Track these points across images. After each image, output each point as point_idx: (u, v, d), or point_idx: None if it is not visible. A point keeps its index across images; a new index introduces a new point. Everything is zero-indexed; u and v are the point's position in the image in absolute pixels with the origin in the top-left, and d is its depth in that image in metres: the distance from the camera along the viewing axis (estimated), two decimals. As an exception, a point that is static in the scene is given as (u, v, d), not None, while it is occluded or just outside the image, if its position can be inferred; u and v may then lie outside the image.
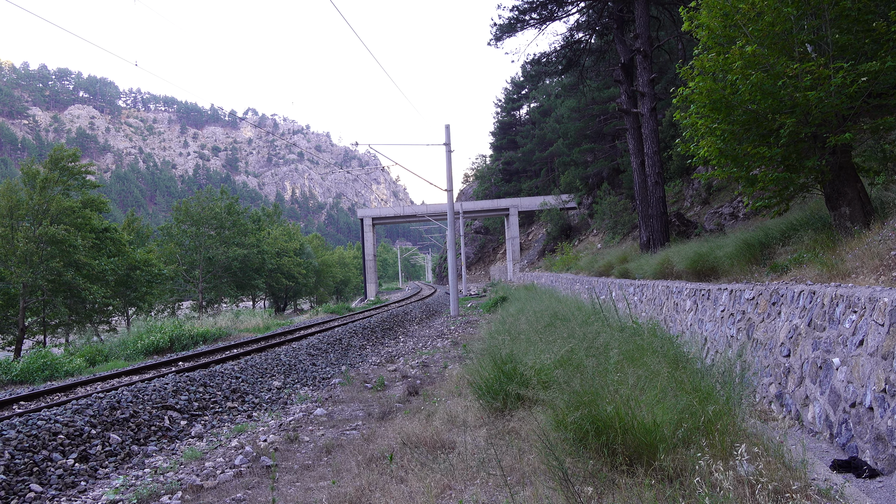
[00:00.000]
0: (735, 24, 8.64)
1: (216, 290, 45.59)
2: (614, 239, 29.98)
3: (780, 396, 6.80)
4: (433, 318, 27.77)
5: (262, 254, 49.51)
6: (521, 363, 7.05)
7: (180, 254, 43.86)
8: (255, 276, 48.94)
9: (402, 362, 14.42)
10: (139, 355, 19.98)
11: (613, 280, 16.99)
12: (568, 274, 25.53)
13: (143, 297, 36.75)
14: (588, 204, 42.84)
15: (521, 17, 21.34)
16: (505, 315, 15.49)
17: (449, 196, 26.80)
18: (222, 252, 44.05)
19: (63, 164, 32.89)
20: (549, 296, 18.80)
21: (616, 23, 20.07)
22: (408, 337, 20.38)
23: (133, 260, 35.40)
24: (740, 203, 18.03)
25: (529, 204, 57.47)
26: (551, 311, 12.85)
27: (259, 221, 56.55)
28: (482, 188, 76.47)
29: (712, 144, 9.12)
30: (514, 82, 78.30)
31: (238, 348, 17.52)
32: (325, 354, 15.98)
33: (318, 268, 67.32)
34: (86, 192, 34.58)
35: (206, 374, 12.18)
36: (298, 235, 67.84)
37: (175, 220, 45.28)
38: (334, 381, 12.72)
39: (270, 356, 14.69)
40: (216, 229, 45.61)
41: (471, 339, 16.46)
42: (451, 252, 27.27)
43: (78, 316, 32.77)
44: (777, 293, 7.37)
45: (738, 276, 9.72)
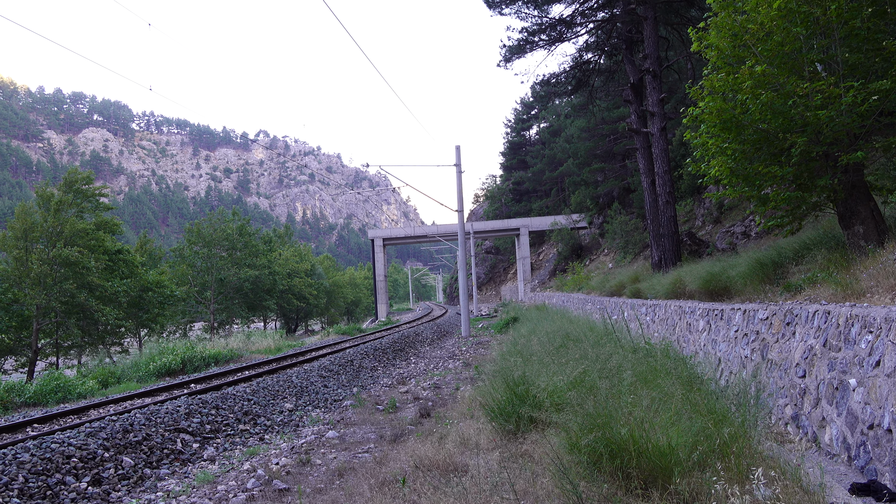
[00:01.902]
0: (744, 44, 8.68)
1: (228, 311, 45.74)
2: (625, 258, 29.88)
3: (796, 418, 6.72)
4: (444, 338, 27.69)
5: (273, 275, 49.70)
6: (534, 385, 7.01)
7: (192, 275, 44.11)
8: (267, 297, 49.08)
9: (414, 384, 14.37)
10: (151, 377, 20.03)
11: (625, 300, 16.91)
12: (579, 294, 25.43)
13: (155, 318, 36.92)
14: (599, 223, 42.78)
15: (531, 39, 21.51)
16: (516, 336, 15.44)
17: (459, 216, 26.86)
18: (234, 273, 44.25)
19: (77, 187, 33.29)
20: (561, 316, 18.72)
21: (625, 43, 20.19)
22: (419, 358, 20.32)
23: (145, 281, 35.63)
24: (752, 222, 17.96)
25: (540, 224, 57.46)
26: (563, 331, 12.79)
27: (270, 242, 56.82)
28: (492, 208, 76.60)
29: (723, 164, 9.12)
30: (523, 103, 78.75)
31: (250, 370, 17.54)
32: (336, 376, 15.96)
33: (329, 289, 67.45)
34: (99, 214, 34.94)
35: (219, 396, 12.19)
36: (309, 256, 68.09)
37: (187, 241, 45.60)
38: (346, 403, 12.69)
39: (282, 378, 14.69)
40: (228, 250, 45.86)
41: (482, 360, 16.40)
42: (461, 272, 27.26)
43: (90, 337, 32.95)
44: (791, 313, 7.31)
45: (752, 295, 9.66)
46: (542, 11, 21.14)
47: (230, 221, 47.40)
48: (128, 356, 31.34)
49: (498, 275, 79.94)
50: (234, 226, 47.06)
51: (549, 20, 21.17)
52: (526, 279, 55.17)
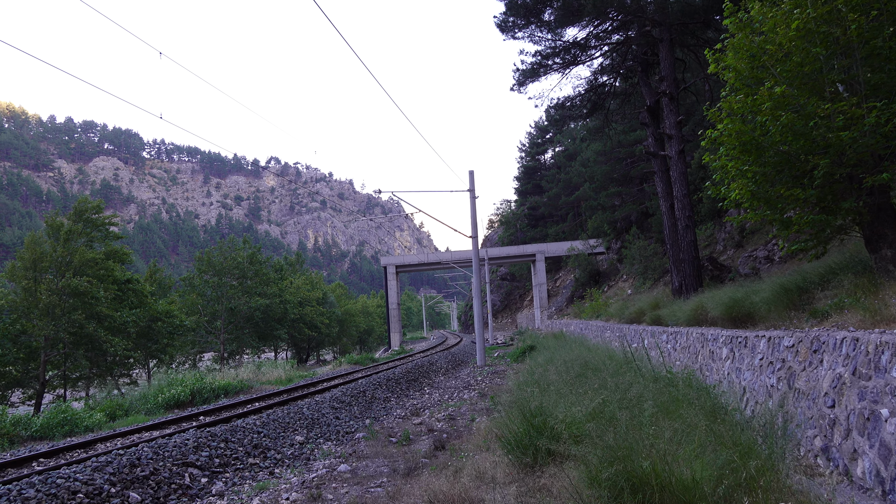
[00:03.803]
0: (763, 65, 8.71)
1: (238, 340, 45.86)
2: (645, 284, 29.72)
3: (826, 450, 6.60)
4: (459, 368, 27.55)
5: (284, 303, 49.86)
6: (552, 416, 6.96)
7: (202, 304, 44.34)
8: (278, 326, 49.18)
9: (428, 415, 14.28)
10: (160, 409, 20.05)
11: (645, 327, 16.78)
12: (598, 321, 25.27)
13: (164, 348, 37.07)
14: (617, 249, 42.65)
15: (544, 62, 21.69)
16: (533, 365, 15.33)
17: (474, 242, 26.89)
18: (244, 302, 44.45)
19: (87, 216, 33.74)
20: (579, 344, 18.59)
21: (641, 66, 20.31)
22: (433, 388, 20.22)
23: (155, 311, 35.85)
24: (775, 246, 17.83)
25: (556, 249, 57.39)
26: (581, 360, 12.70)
27: (281, 270, 57.10)
28: (507, 234, 76.66)
29: (744, 187, 9.10)
30: (537, 127, 79.18)
31: (260, 402, 17.51)
32: (348, 407, 15.90)
33: (342, 317, 67.52)
34: (109, 243, 35.33)
35: (228, 428, 12.17)
36: (321, 284, 68.29)
37: (197, 270, 45.93)
38: (358, 436, 12.61)
39: (293, 410, 14.65)
40: (238, 279, 46.12)
41: (498, 390, 16.28)
42: (476, 300, 27.21)
43: (99, 369, 33.09)
44: (818, 340, 7.22)
45: (776, 322, 9.55)
46: (556, 35, 21.34)
47: (241, 249, 47.74)
48: (136, 388, 31.43)
49: (514, 302, 79.69)
50: (245, 254, 47.38)
51: (562, 43, 21.36)
52: (542, 306, 54.93)
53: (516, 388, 10.88)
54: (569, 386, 8.90)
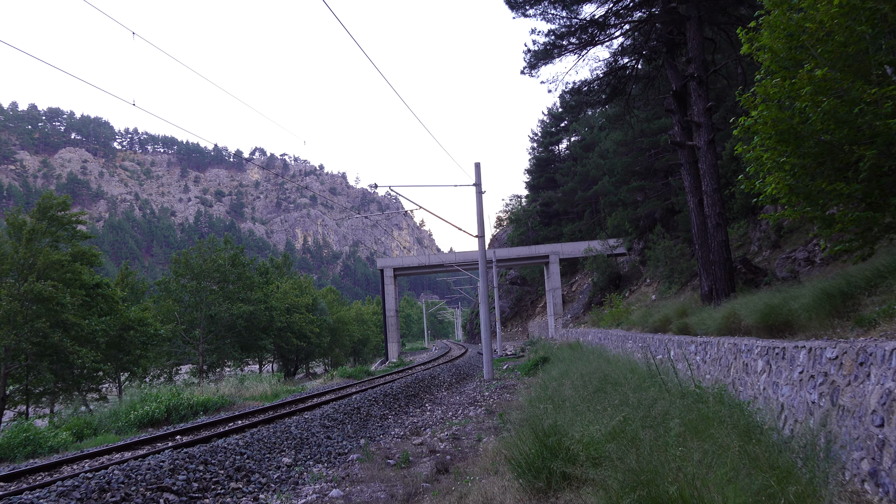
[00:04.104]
0: (801, 45, 8.69)
1: (218, 351, 45.91)
2: (671, 289, 29.67)
3: (874, 474, 6.57)
4: (464, 382, 27.55)
5: (269, 310, 49.91)
6: (567, 435, 6.95)
7: (179, 311, 44.41)
8: (263, 335, 49.24)
9: (430, 434, 14.28)
10: (132, 428, 20.08)
11: (671, 337, 16.75)
12: (618, 330, 25.24)
13: (136, 360, 37.12)
14: (639, 249, 42.61)
15: (559, 43, 21.68)
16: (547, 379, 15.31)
17: (480, 243, 26.88)
18: (226, 309, 44.50)
19: (52, 214, 33.81)
20: (598, 356, 18.57)
21: (666, 46, 20.29)
22: (435, 405, 20.22)
23: (126, 319, 35.91)
24: (816, 247, 17.79)
25: (572, 250, 57.35)
26: (600, 373, 12.69)
27: (267, 274, 57.18)
28: (517, 233, 76.67)
29: (781, 181, 9.08)
30: (551, 114, 79.18)
31: (243, 419, 17.52)
32: (341, 426, 15.91)
33: (333, 326, 67.58)
34: (76, 243, 35.40)
35: (207, 449, 12.18)
36: (311, 289, 68.37)
37: (173, 273, 46.00)
38: (352, 458, 12.62)
39: (279, 428, 14.66)
40: (219, 283, 46.17)
41: (508, 407, 16.27)
42: (483, 306, 27.20)
43: (65, 383, 33.15)
44: (865, 351, 7.20)
45: (818, 331, 9.53)
46: (572, 12, 21.33)
47: (222, 250, 47.80)
48: (106, 404, 31.46)
49: (525, 309, 79.67)
50: (227, 255, 47.44)
51: (578, 21, 21.35)
52: (557, 313, 54.89)
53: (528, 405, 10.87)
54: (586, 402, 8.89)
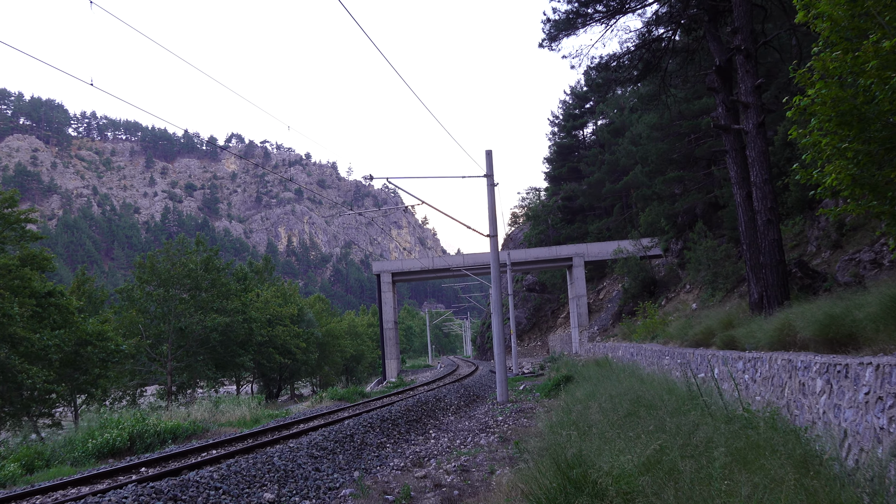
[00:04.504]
0: (866, 12, 8.66)
1: (189, 370, 45.97)
2: (714, 296, 29.59)
3: (952, 512, 6.54)
4: (474, 405, 27.53)
5: (248, 322, 49.97)
6: (594, 467, 6.93)
7: (144, 323, 44.49)
8: (240, 351, 49.29)
9: (434, 466, 14.27)
10: (90, 459, 20.11)
11: (715, 352, 16.70)
12: (653, 344, 25.18)
13: (95, 380, 37.18)
14: (677, 250, 42.51)
15: (583, 11, 21.67)
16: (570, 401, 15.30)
17: (492, 243, 26.86)
18: (198, 321, 44.56)
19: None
20: (629, 374, 18.54)
21: (707, 14, 20.25)
22: (441, 431, 20.21)
23: (83, 332, 35.97)
24: (885, 247, 17.71)
25: (599, 251, 57.30)
26: (632, 394, 12.66)
27: (245, 280, 57.22)
28: (536, 231, 76.68)
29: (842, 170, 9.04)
30: (574, 93, 79.19)
31: (218, 448, 17.54)
32: (331, 456, 15.91)
33: (322, 340, 67.62)
34: (25, 245, 35.49)
35: (177, 483, 12.19)
36: (296, 297, 68.43)
37: (137, 279, 46.07)
38: (344, 493, 12.61)
39: (260, 459, 14.67)
40: (190, 291, 46.24)
41: (525, 433, 16.25)
42: (496, 317, 27.18)
43: (12, 407, 33.21)
44: (941, 369, 7.17)
45: (887, 345, 9.49)
46: (598, -26, 21.34)
47: (193, 253, 47.86)
48: (60, 431, 31.51)
49: (544, 319, 79.65)
50: (199, 259, 47.50)
51: (606, -14, 21.34)
52: (581, 325, 54.84)
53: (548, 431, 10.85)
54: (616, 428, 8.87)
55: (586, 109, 77.62)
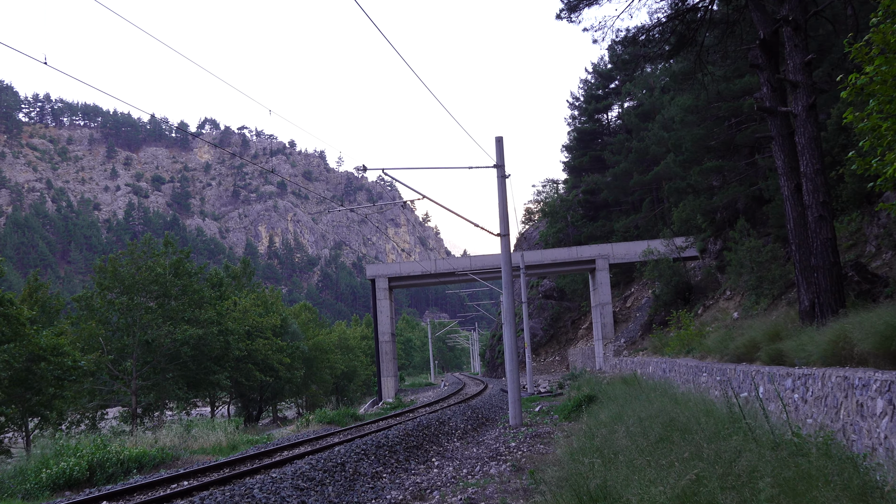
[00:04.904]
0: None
1: (157, 389, 45.99)
2: (759, 304, 29.56)
3: None
4: (483, 429, 27.52)
5: (224, 334, 49.98)
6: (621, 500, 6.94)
7: (105, 336, 44.48)
8: (216, 367, 49.30)
9: (438, 499, 14.27)
10: (44, 491, 20.13)
11: (760, 368, 16.68)
12: (688, 359, 25.17)
13: (49, 401, 37.21)
14: (716, 251, 42.47)
15: (607, -23, 21.66)
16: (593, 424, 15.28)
17: (504, 243, 26.83)
18: (167, 333, 44.57)
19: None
20: (661, 393, 18.51)
21: (750, -20, 20.22)
22: (445, 459, 20.20)
23: (36, 346, 36.00)
24: (954, 246, 17.68)
25: (626, 253, 57.25)
26: (665, 416, 12.64)
27: (221, 286, 57.26)
28: (553, 230, 76.66)
29: (906, 158, 9.02)
30: (597, 72, 79.22)
31: (190, 479, 17.54)
32: (320, 488, 15.92)
33: (309, 354, 67.61)
34: (-31, 247, 35.56)
35: (143, 519, 12.21)
36: (279, 306, 68.41)
37: (98, 285, 46.08)
38: (334, 529, 12.61)
39: (238, 492, 14.68)
40: (158, 299, 46.25)
41: (541, 461, 16.24)
42: (508, 328, 27.16)
43: (-45, 432, 33.29)
44: None
45: (957, 359, 9.47)
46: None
47: (161, 255, 47.88)
48: (10, 459, 31.53)
49: (563, 331, 79.63)
50: (168, 262, 47.51)
51: (633, -52, 21.34)
52: (606, 337, 54.80)
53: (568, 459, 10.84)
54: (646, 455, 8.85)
55: (611, 90, 77.58)
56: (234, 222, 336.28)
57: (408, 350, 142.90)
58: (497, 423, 28.83)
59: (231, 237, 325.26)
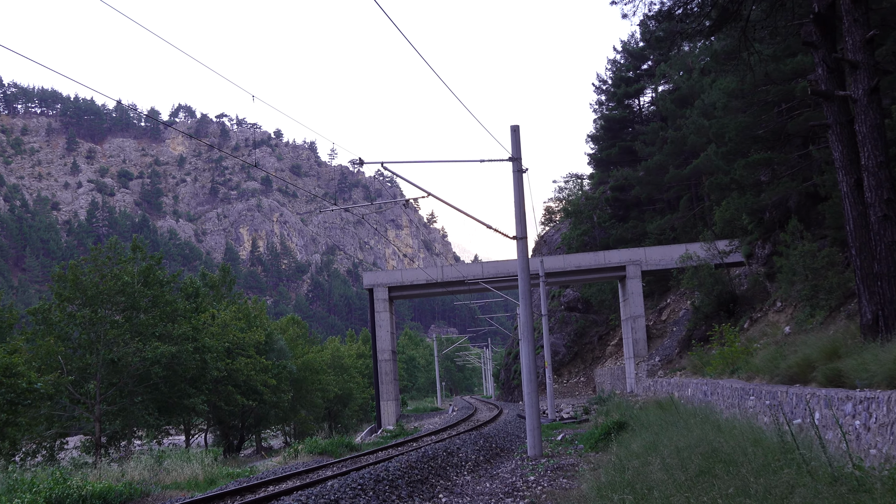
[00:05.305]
0: None
1: (125, 415, 45.97)
2: (814, 316, 29.52)
3: None
4: (497, 461, 27.51)
5: (201, 352, 49.95)
6: (657, 543, 6.92)
7: (64, 354, 44.49)
8: (191, 390, 49.25)
9: (445, 541, 14.26)
10: (-5, 531, 20.17)
11: (815, 391, 16.66)
12: (733, 380, 25.15)
13: (1, 429, 37.28)
14: (764, 256, 42.42)
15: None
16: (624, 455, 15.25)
17: (520, 247, 26.80)
18: (135, 351, 44.54)
19: None
20: (702, 419, 18.48)
21: (802, -55, 20.21)
22: (454, 495, 20.19)
23: (-14, 367, 36.08)
24: None
25: (661, 258, 57.15)
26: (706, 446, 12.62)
27: (197, 297, 57.26)
28: (577, 232, 76.62)
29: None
30: (627, 51, 79.25)
31: (161, 518, 17.57)
32: (310, 528, 15.92)
33: (298, 375, 67.55)
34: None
35: (108, 564, 12.22)
36: (263, 319, 68.43)
37: (56, 296, 46.12)
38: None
39: (217, 532, 14.69)
40: (125, 312, 46.25)
41: (564, 498, 16.22)
42: (525, 345, 27.15)
43: None
44: None
45: None
46: None
47: (129, 262, 47.91)
48: (-44, 495, 31.53)
49: (588, 348, 79.59)
50: (136, 269, 47.55)
51: None
52: (638, 354, 54.73)
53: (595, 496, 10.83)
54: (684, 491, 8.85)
55: (643, 71, 77.50)
56: (211, 224, 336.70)
57: (411, 370, 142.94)
58: (513, 454, 28.82)
59: (208, 241, 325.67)
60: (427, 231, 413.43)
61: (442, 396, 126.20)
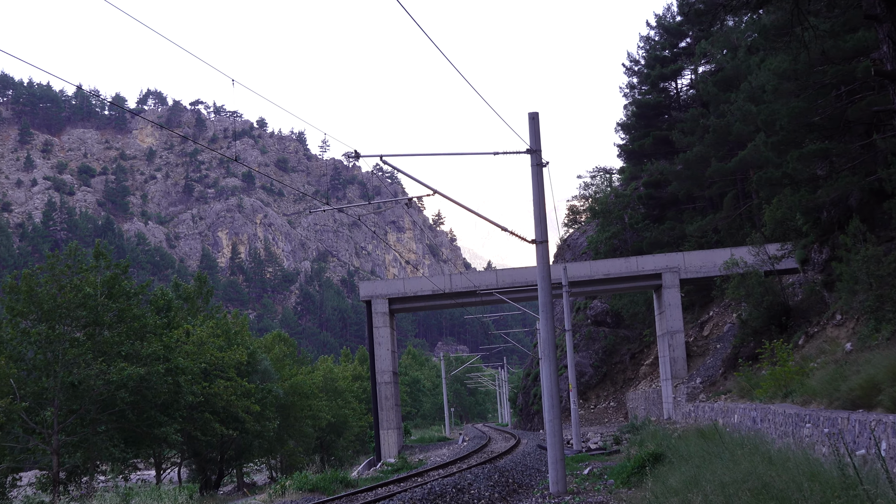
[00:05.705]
0: None
1: (86, 447, 46.02)
2: (880, 331, 29.49)
3: None
4: (514, 498, 27.54)
5: (174, 374, 49.99)
6: None
7: (18, 377, 44.58)
8: (162, 418, 49.30)
9: (455, 591, 14.28)
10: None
11: (882, 417, 16.65)
12: (786, 405, 25.14)
13: (-54, 463, 37.40)
14: (822, 262, 42.39)
15: None
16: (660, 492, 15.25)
17: (540, 252, 26.79)
18: (98, 373, 44.59)
19: None
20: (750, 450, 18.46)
21: None
22: (465, 538, 20.23)
23: (-73, 392, 36.17)
24: None
25: (702, 264, 57.11)
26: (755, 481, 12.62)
27: (169, 311, 57.32)
28: (606, 235, 76.63)
29: None
30: (663, 26, 79.21)
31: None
32: (299, 576, 15.96)
33: (285, 400, 67.62)
34: None
35: None
36: (245, 336, 68.46)
37: (8, 310, 46.21)
38: None
39: (192, 581, 14.73)
40: (86, 328, 46.31)
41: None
42: (546, 365, 27.13)
43: None
44: None
45: None
46: None
47: (91, 271, 47.98)
48: None
49: (619, 368, 79.54)
50: (99, 279, 47.62)
51: None
52: (676, 376, 54.68)
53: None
54: (732, 534, 8.83)
55: (681, 50, 77.50)
56: (185, 227, 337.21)
57: (415, 394, 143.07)
58: (533, 491, 28.83)
59: (182, 246, 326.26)
60: (433, 234, 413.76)
61: (451, 424, 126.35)
